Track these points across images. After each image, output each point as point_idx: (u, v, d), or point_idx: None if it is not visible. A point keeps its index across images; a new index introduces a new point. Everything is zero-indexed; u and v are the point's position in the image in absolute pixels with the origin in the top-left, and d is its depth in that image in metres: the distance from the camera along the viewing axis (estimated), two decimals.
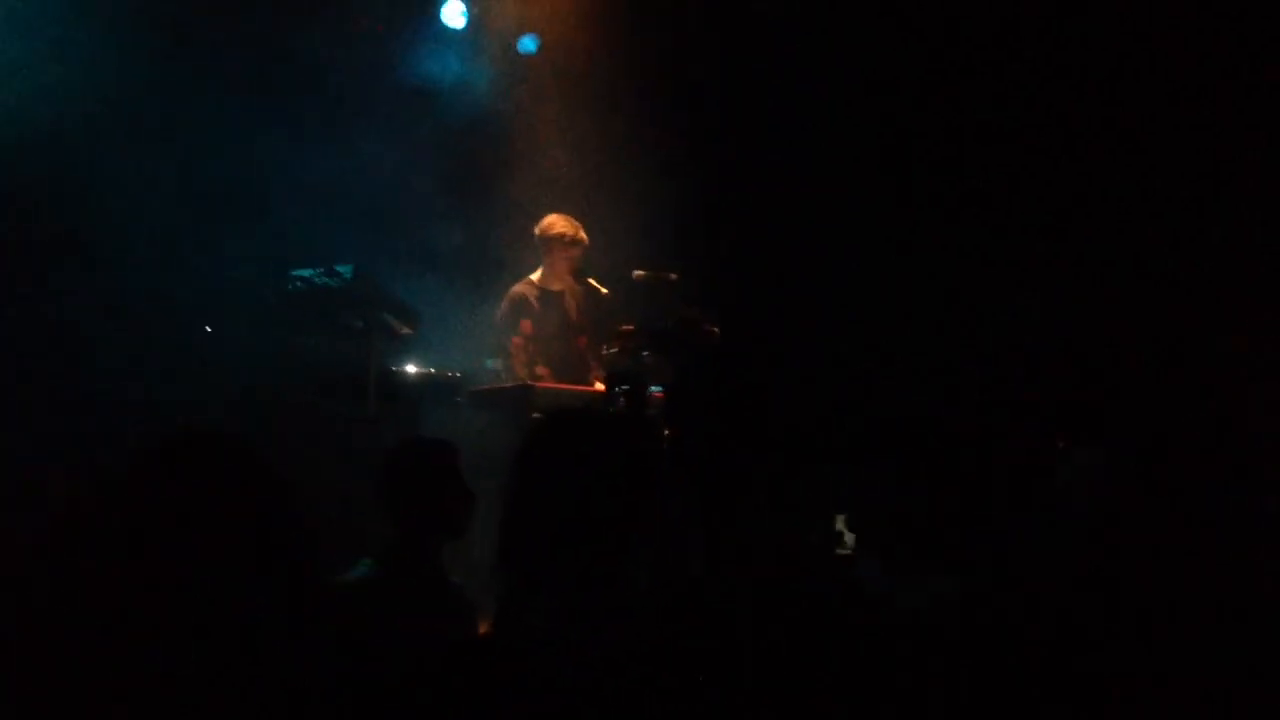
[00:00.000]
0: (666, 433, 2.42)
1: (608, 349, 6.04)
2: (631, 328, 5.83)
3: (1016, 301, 6.28)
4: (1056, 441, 2.92)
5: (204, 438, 1.76)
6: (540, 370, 6.11)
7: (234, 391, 5.37)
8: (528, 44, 7.65)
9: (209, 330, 5.74)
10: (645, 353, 5.80)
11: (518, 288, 6.31)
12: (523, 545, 2.33)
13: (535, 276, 6.36)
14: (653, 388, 5.59)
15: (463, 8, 7.32)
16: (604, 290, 6.23)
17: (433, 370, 5.75)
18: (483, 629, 2.39)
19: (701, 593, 2.19)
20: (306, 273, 5.42)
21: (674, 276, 6.10)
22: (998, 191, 6.67)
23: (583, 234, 6.31)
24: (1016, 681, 2.13)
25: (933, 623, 2.14)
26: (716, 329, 5.78)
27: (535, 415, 5.61)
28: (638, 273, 6.14)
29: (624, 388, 3.95)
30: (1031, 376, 5.43)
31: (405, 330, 5.61)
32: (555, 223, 6.29)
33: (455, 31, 7.38)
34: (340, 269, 5.37)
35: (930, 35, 6.80)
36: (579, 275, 6.27)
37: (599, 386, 5.92)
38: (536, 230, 6.33)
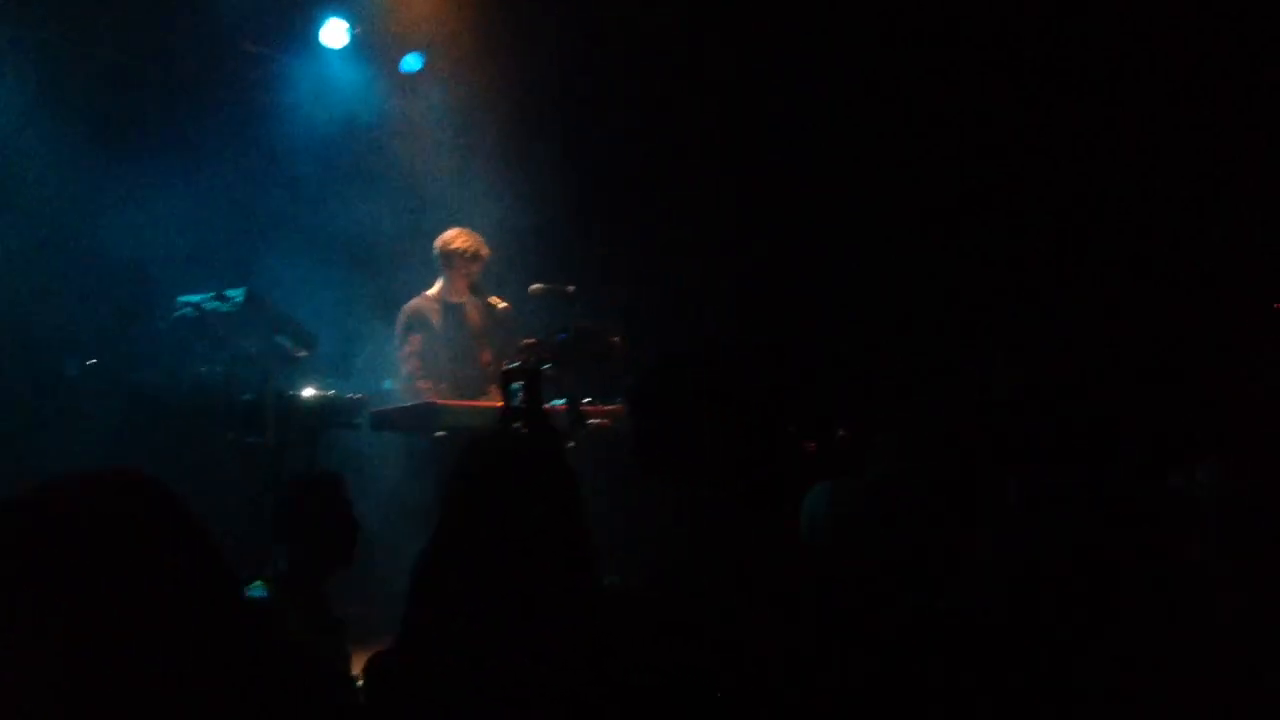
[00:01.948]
0: (635, 426, 2.42)
1: (509, 364, 6.00)
2: (533, 341, 5.80)
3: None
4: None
5: (97, 474, 1.69)
6: (426, 384, 6.03)
7: (127, 424, 5.24)
8: (412, 62, 7.58)
9: (94, 363, 5.58)
10: (546, 366, 5.78)
11: (414, 302, 6.23)
12: (442, 569, 2.31)
13: (434, 291, 6.28)
14: (555, 401, 5.62)
15: (346, 26, 7.22)
16: (503, 304, 6.19)
17: (332, 393, 5.63)
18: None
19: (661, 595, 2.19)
20: (195, 298, 5.28)
21: (571, 289, 6.09)
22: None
23: (484, 249, 6.26)
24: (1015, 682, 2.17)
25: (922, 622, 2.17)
26: (618, 339, 5.80)
27: (439, 434, 5.55)
28: (535, 286, 6.12)
29: (519, 385, 4.02)
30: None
31: (302, 353, 5.49)
32: (455, 237, 6.22)
33: (336, 51, 7.29)
34: (231, 293, 5.24)
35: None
36: (478, 290, 6.22)
37: (501, 402, 5.88)
38: (436, 244, 6.26)
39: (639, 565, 2.46)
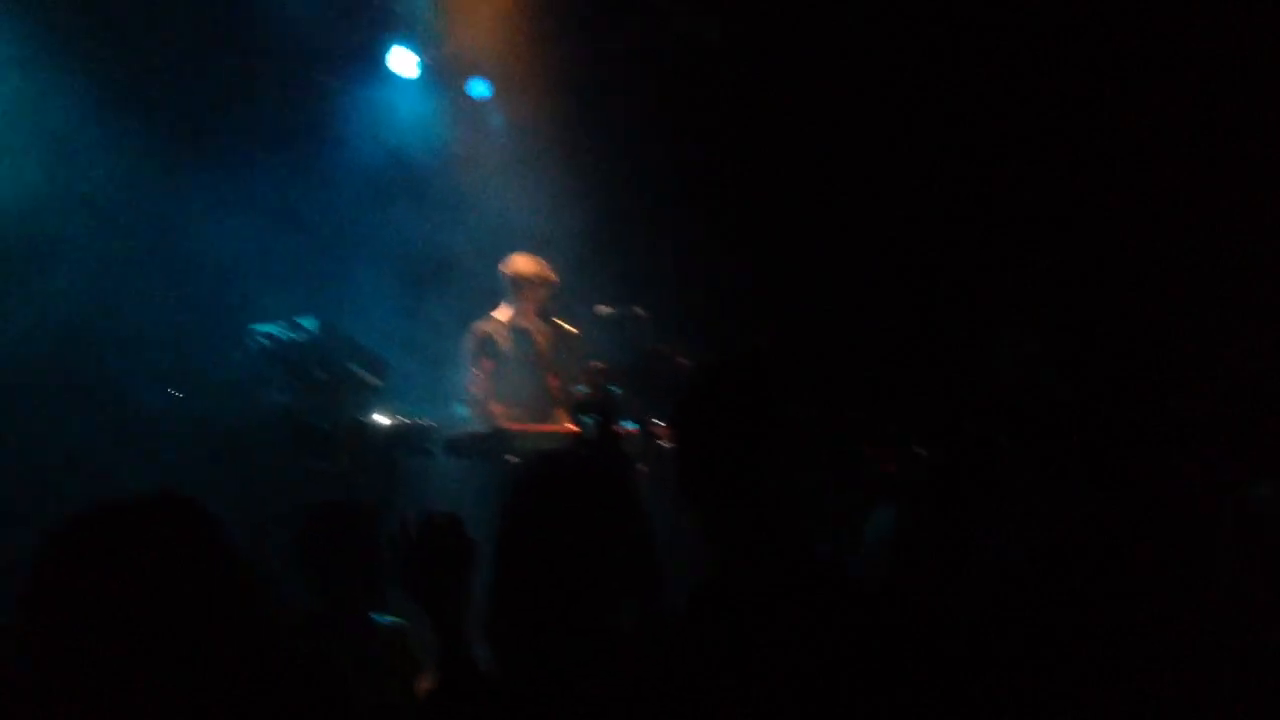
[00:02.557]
0: (674, 445, 2.24)
1: (579, 390, 6.03)
2: (601, 365, 5.82)
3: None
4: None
5: (152, 500, 1.76)
6: (497, 408, 6.06)
7: (204, 453, 5.32)
8: (479, 88, 7.66)
9: (176, 394, 5.68)
10: (616, 389, 5.79)
11: (482, 325, 6.26)
12: (512, 594, 2.30)
13: (502, 315, 6.32)
14: (625, 423, 5.61)
15: (415, 57, 7.32)
16: (572, 329, 6.19)
17: (404, 419, 5.68)
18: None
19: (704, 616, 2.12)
20: (270, 328, 5.36)
21: (640, 311, 6.11)
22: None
23: (550, 273, 6.28)
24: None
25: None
26: (686, 360, 5.79)
27: (511, 459, 5.57)
28: (601, 309, 6.14)
29: (595, 418, 3.92)
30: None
31: (374, 380, 5.55)
32: (522, 262, 6.25)
33: (407, 80, 7.39)
34: (304, 322, 5.32)
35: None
36: (545, 314, 6.24)
37: (571, 427, 5.89)
38: (504, 269, 6.29)
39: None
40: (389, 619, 3.38)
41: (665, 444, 5.62)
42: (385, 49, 7.26)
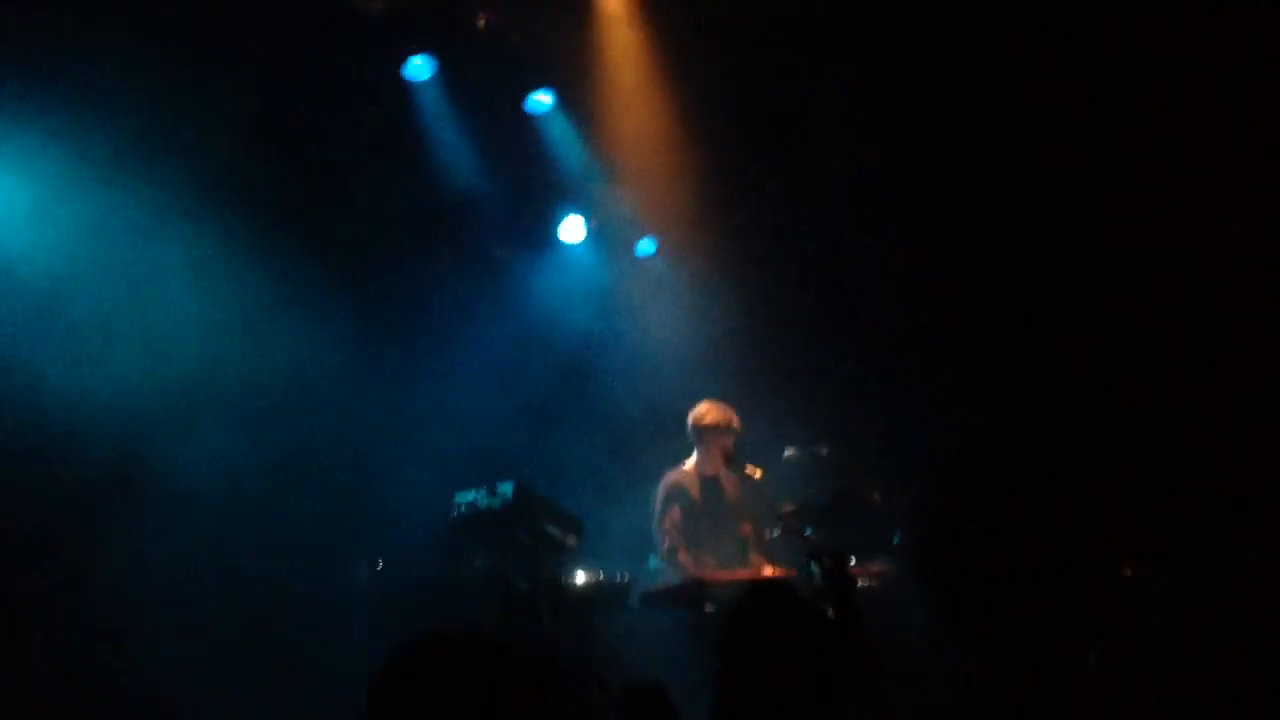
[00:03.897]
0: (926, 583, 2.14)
1: (770, 533, 6.04)
2: (792, 507, 5.82)
3: None
4: None
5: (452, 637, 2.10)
6: (688, 557, 6.08)
7: (413, 620, 5.48)
8: (646, 247, 7.92)
9: (379, 565, 5.90)
10: (809, 532, 5.77)
11: (671, 475, 6.35)
12: None
13: (689, 465, 6.39)
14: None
15: (582, 221, 7.64)
16: (757, 473, 6.21)
17: (601, 576, 5.77)
18: None
19: None
20: (470, 496, 5.55)
21: (824, 450, 6.11)
22: None
23: (736, 420, 6.35)
24: None
25: None
26: (877, 495, 5.75)
27: (709, 609, 5.57)
28: (788, 451, 6.16)
29: (824, 563, 3.77)
30: None
31: (570, 539, 5.66)
32: (707, 412, 6.35)
33: (574, 246, 7.70)
34: (501, 487, 5.48)
35: None
36: (732, 462, 6.29)
37: (768, 572, 5.88)
38: (690, 418, 6.39)
39: None
40: None
41: (863, 583, 5.55)
42: (558, 219, 7.59)
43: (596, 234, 7.73)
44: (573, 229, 7.69)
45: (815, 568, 3.66)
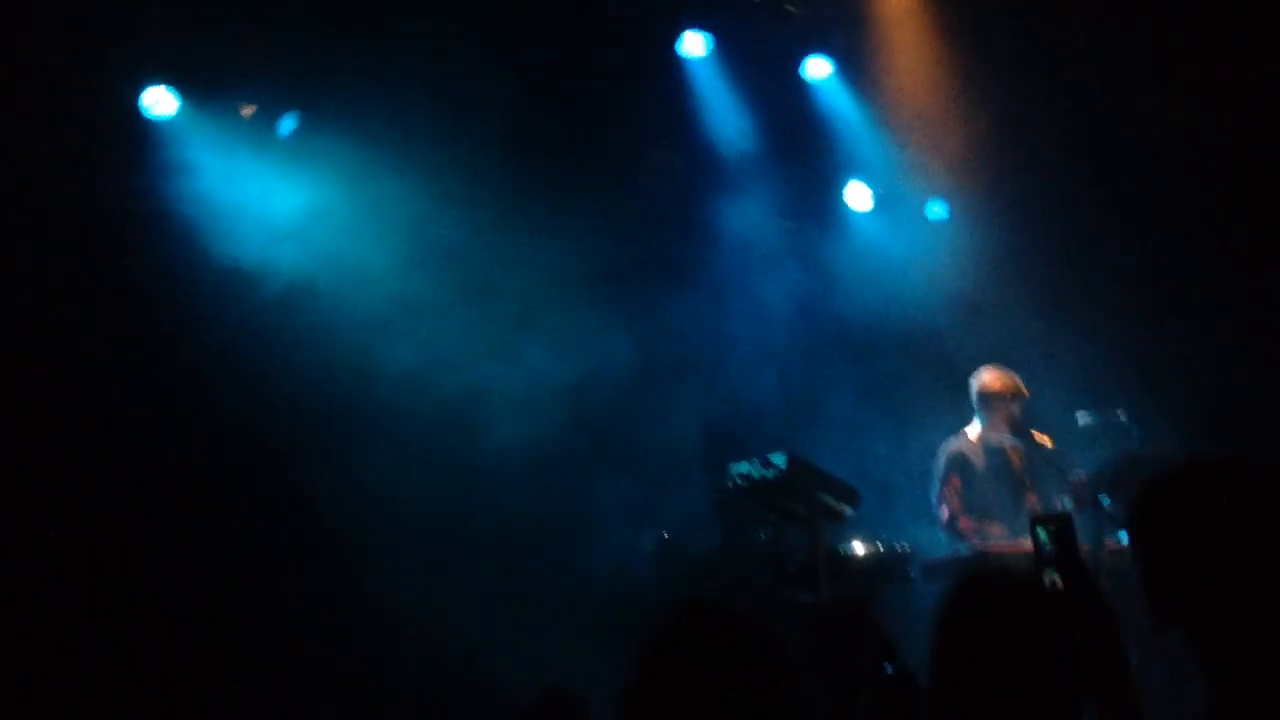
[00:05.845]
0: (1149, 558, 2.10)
1: (1062, 504, 5.73)
2: (1082, 478, 5.51)
3: None
4: None
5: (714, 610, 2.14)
6: (968, 526, 5.89)
7: (696, 591, 5.64)
8: (938, 210, 7.69)
9: (665, 536, 6.09)
10: (1106, 501, 5.44)
11: (953, 443, 6.17)
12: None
13: (972, 432, 6.18)
14: (1116, 535, 5.25)
15: (869, 190, 7.51)
16: (1049, 443, 5.88)
17: (880, 546, 5.68)
18: None
19: None
20: (744, 467, 5.60)
21: (1122, 415, 5.75)
22: None
23: (1021, 385, 6.08)
24: None
25: None
26: (1178, 459, 5.34)
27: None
28: (1083, 415, 5.83)
29: (1049, 530, 3.61)
30: None
31: (846, 509, 5.61)
32: (991, 376, 6.12)
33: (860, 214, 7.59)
34: (775, 458, 5.50)
35: None
36: (1018, 428, 6.01)
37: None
38: (975, 385, 6.18)
39: None
40: None
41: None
42: (840, 186, 7.51)
43: (883, 201, 7.58)
44: (859, 197, 7.58)
45: (1043, 535, 3.47)
